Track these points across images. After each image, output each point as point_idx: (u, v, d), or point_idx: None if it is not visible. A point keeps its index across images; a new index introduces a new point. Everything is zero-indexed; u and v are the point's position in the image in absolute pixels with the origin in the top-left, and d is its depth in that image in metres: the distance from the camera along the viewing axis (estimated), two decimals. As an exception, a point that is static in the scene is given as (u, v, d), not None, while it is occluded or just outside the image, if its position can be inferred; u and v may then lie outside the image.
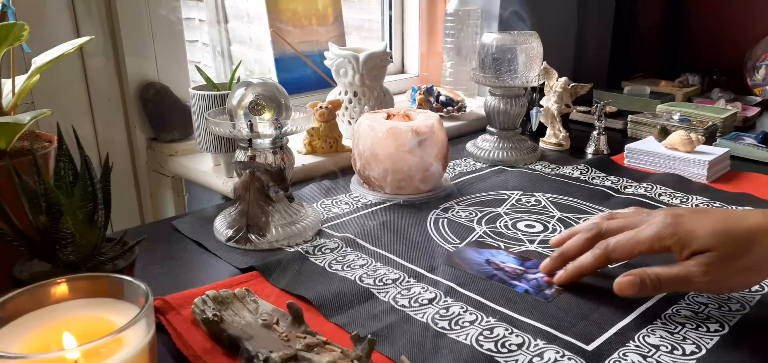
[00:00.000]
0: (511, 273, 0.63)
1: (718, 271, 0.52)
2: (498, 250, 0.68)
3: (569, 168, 0.97)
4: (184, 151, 0.97)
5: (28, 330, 0.38)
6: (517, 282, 0.61)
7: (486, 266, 0.64)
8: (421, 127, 0.81)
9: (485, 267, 0.64)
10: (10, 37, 0.56)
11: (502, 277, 0.62)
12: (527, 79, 0.97)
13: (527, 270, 0.63)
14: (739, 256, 0.52)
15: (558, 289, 0.59)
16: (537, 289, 0.59)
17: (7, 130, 0.57)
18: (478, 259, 0.66)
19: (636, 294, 0.54)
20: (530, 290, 0.59)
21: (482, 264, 0.65)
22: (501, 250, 0.68)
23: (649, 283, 0.53)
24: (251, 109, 0.69)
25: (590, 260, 0.58)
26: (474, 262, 0.65)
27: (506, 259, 0.66)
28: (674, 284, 0.53)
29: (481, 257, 0.66)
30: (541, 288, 0.60)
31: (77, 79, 0.92)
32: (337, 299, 0.57)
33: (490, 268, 0.64)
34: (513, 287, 0.60)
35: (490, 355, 0.49)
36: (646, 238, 0.55)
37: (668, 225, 0.54)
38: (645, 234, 0.55)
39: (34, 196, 0.49)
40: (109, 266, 0.52)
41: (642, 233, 0.55)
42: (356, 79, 1.02)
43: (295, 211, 0.72)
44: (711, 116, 1.16)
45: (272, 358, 0.45)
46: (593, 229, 0.59)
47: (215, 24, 1.16)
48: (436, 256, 0.67)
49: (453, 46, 1.37)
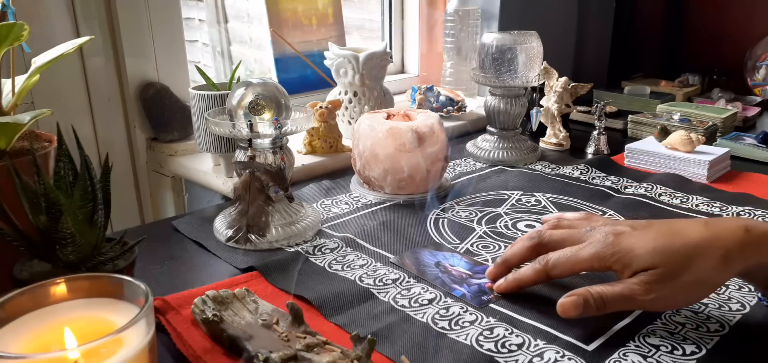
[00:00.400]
0: (456, 277, 0.62)
1: (661, 288, 0.51)
2: (452, 253, 0.68)
3: (569, 168, 0.97)
4: (184, 151, 0.97)
5: (28, 330, 0.38)
6: (458, 286, 0.60)
7: (433, 269, 0.64)
8: (421, 127, 0.81)
9: (433, 269, 0.64)
10: (10, 37, 0.56)
11: (444, 281, 0.61)
12: (527, 79, 0.97)
13: (474, 275, 0.63)
14: (682, 272, 0.50)
15: (496, 295, 0.59)
16: (474, 295, 0.59)
17: (7, 130, 0.57)
18: (430, 261, 0.66)
19: (580, 314, 0.52)
20: (468, 295, 0.59)
21: (431, 266, 0.65)
22: (455, 254, 0.68)
23: (593, 303, 0.52)
24: (251, 109, 0.69)
25: (530, 274, 0.57)
26: (424, 263, 0.65)
27: (457, 263, 0.66)
28: (618, 303, 0.52)
29: (434, 259, 0.66)
30: (480, 293, 0.59)
31: (77, 79, 0.92)
32: (337, 299, 0.57)
33: (437, 270, 0.64)
34: (452, 291, 0.59)
35: (490, 355, 0.49)
36: (587, 257, 0.54)
37: (608, 244, 0.53)
38: (585, 253, 0.54)
39: (34, 196, 0.49)
40: (109, 266, 0.52)
41: (582, 252, 0.54)
42: (356, 79, 1.02)
43: (295, 211, 0.72)
44: (711, 116, 1.16)
45: (272, 358, 0.45)
46: (535, 238, 0.59)
47: (215, 24, 1.16)
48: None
49: (453, 46, 1.37)
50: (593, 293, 0.52)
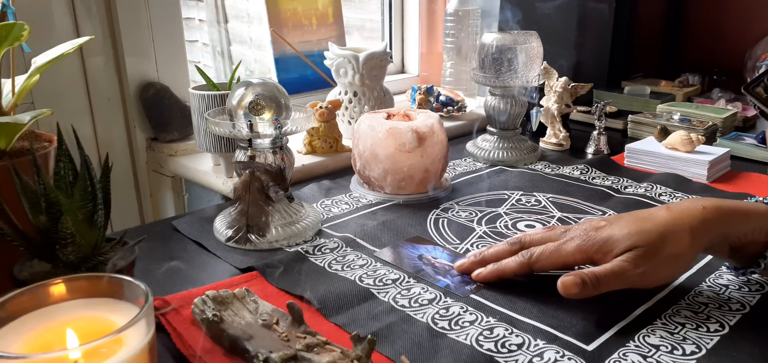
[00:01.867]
0: (440, 269, 0.64)
1: (646, 263, 0.55)
2: (435, 246, 0.69)
3: (569, 168, 0.97)
4: (184, 151, 0.97)
5: (28, 330, 0.38)
6: (442, 277, 0.62)
7: (417, 261, 0.65)
8: (421, 127, 0.81)
9: (416, 262, 0.65)
10: (10, 37, 0.56)
11: (428, 272, 0.63)
12: (527, 79, 0.97)
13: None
14: (660, 248, 0.55)
15: (478, 285, 0.60)
16: (458, 285, 0.60)
17: (7, 130, 0.57)
18: (413, 255, 0.67)
19: (579, 293, 0.55)
20: (451, 285, 0.60)
21: (415, 259, 0.66)
22: (437, 247, 0.69)
23: (589, 283, 0.55)
24: (251, 109, 0.69)
25: (512, 265, 0.60)
26: (408, 257, 0.66)
27: (439, 255, 0.67)
28: (610, 280, 0.55)
29: (416, 252, 0.68)
30: (463, 283, 0.61)
31: (77, 79, 0.92)
32: (337, 299, 0.57)
33: (421, 263, 0.65)
34: (436, 282, 0.61)
35: (490, 355, 0.49)
36: (570, 250, 0.58)
37: (590, 237, 0.57)
38: (568, 247, 0.58)
39: (34, 196, 0.49)
40: (109, 266, 0.52)
41: (565, 246, 0.58)
42: (356, 79, 1.02)
43: (295, 211, 0.72)
44: (711, 116, 1.16)
45: (272, 358, 0.45)
46: (516, 243, 0.62)
47: (215, 24, 1.16)
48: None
49: (453, 46, 1.37)
50: (588, 273, 0.55)
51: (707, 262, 0.65)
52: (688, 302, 0.58)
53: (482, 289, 0.60)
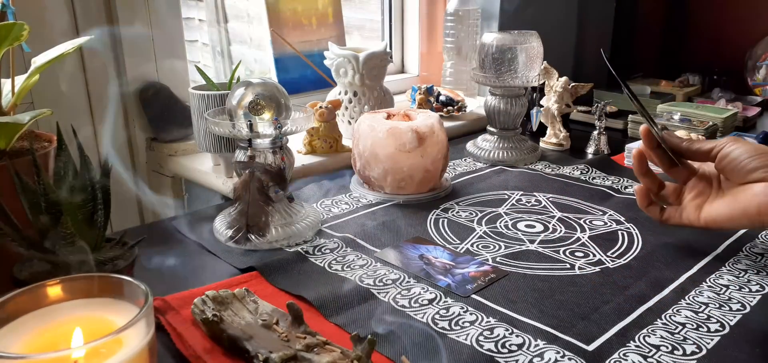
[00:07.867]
0: (440, 268, 0.64)
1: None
2: (435, 246, 0.69)
3: (569, 168, 0.97)
4: (184, 151, 0.97)
5: (28, 330, 0.38)
6: (443, 277, 0.62)
7: (418, 261, 0.65)
8: (421, 127, 0.81)
9: (417, 262, 0.65)
10: (9, 37, 0.56)
11: (429, 272, 0.63)
12: (527, 79, 0.97)
13: (457, 265, 0.65)
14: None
15: (479, 283, 0.60)
16: (459, 284, 0.60)
17: (7, 130, 0.57)
18: (414, 255, 0.67)
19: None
20: (452, 285, 0.60)
21: (416, 259, 0.66)
22: (437, 247, 0.69)
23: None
24: (251, 109, 0.69)
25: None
26: (409, 257, 0.66)
27: (440, 254, 0.67)
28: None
29: (417, 252, 0.67)
30: (464, 282, 0.61)
31: (77, 79, 0.92)
32: (337, 299, 0.57)
33: (421, 262, 0.65)
34: (437, 282, 0.61)
35: (490, 356, 0.49)
36: None
37: None
38: None
39: (34, 196, 0.49)
40: (109, 266, 0.52)
41: None
42: (356, 79, 1.02)
43: (295, 211, 0.72)
44: (711, 116, 1.16)
45: (272, 358, 0.45)
46: None
47: (215, 24, 1.16)
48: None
49: (453, 46, 1.37)
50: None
51: (707, 262, 0.65)
52: (688, 302, 0.58)
53: (482, 289, 0.59)
